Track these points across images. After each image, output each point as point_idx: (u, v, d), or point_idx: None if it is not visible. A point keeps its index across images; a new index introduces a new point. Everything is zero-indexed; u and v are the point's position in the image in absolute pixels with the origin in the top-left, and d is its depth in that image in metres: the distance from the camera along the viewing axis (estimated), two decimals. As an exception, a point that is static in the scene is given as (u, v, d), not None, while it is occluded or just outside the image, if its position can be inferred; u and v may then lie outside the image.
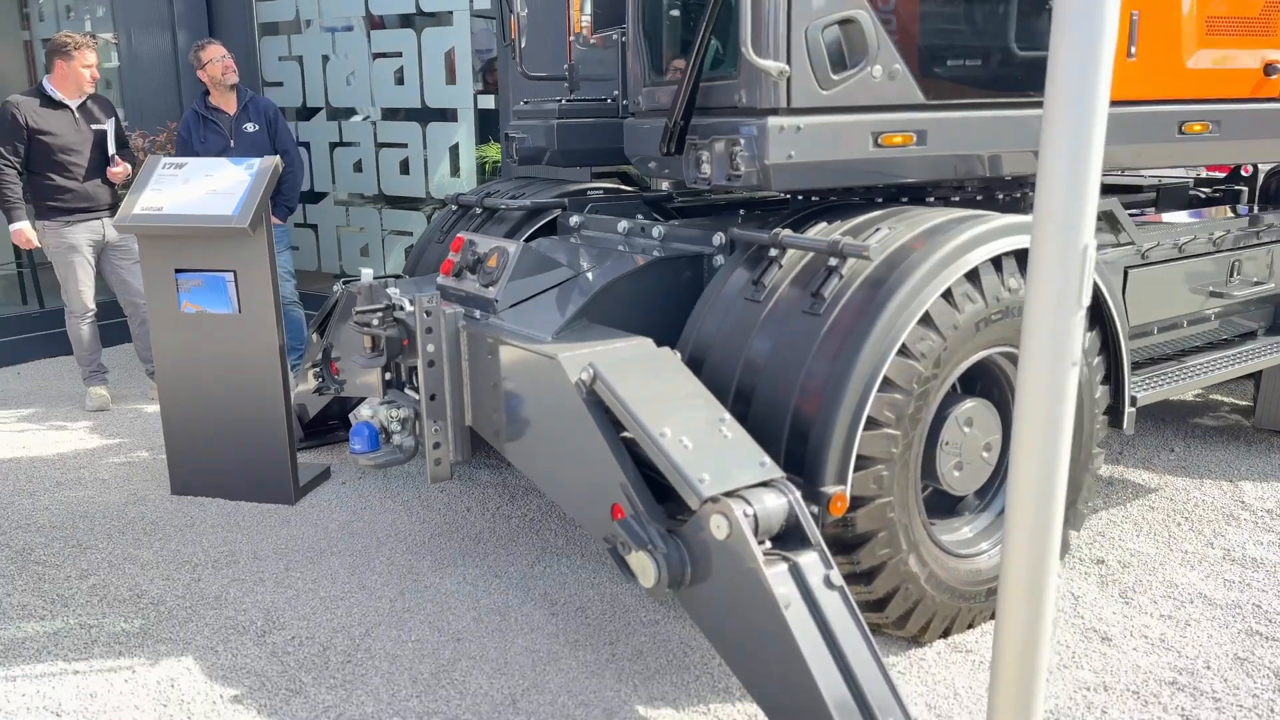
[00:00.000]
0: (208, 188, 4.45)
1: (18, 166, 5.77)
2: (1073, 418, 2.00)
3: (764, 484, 2.75)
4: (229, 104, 6.29)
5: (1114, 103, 3.65)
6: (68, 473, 5.10)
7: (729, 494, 2.68)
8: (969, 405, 3.39)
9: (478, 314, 3.72)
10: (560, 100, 4.92)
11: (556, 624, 3.55)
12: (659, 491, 2.91)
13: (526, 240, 4.64)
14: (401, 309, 3.72)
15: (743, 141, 3.28)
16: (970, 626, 3.47)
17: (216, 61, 6.11)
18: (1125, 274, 3.80)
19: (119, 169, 5.91)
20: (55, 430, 5.83)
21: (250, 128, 6.27)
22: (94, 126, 5.92)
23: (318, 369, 4.68)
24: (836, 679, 2.53)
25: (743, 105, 3.32)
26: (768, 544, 2.70)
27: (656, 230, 4.02)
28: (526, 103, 5.13)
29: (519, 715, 3.02)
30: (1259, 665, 3.25)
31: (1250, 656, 3.30)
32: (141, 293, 6.25)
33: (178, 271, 4.52)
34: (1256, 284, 4.30)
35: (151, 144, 7.21)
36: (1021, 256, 3.29)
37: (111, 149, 5.92)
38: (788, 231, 3.36)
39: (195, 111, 6.31)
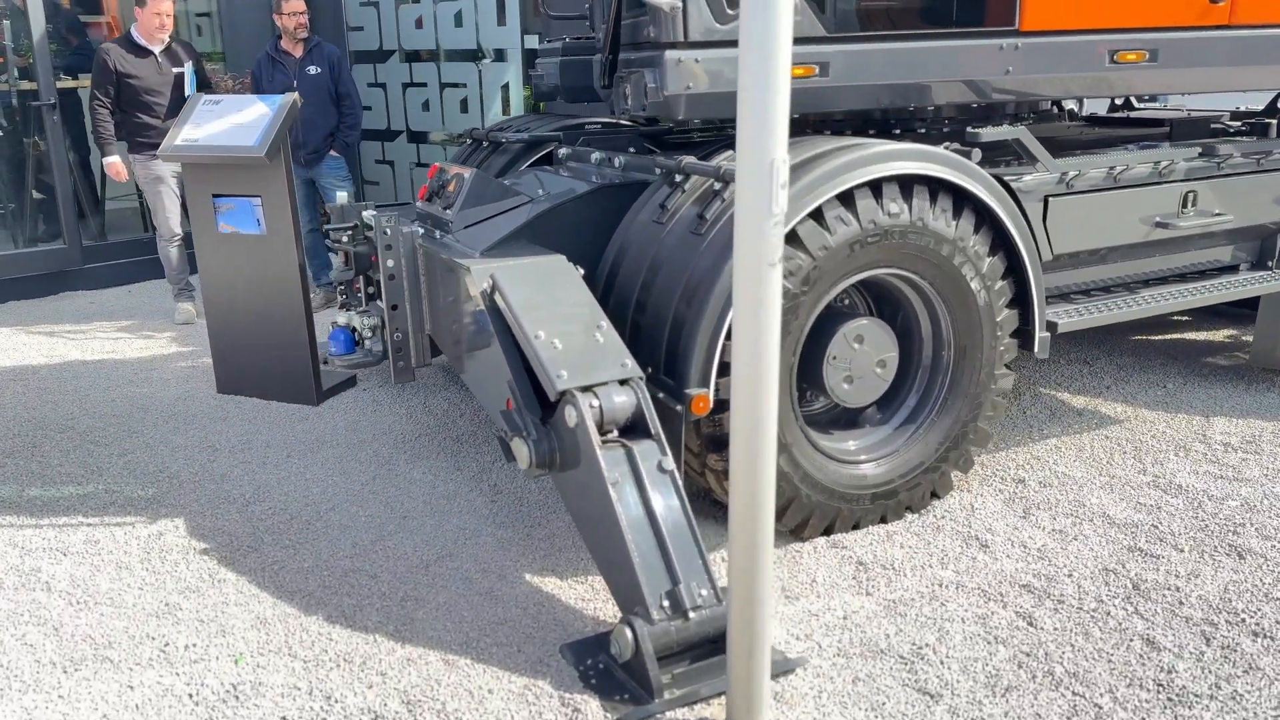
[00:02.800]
0: (235, 121, 5.04)
1: (110, 106, 6.55)
2: (778, 316, 2.28)
3: (621, 382, 3.11)
4: (296, 49, 6.91)
5: (1039, 32, 3.82)
6: (140, 372, 5.89)
7: (585, 388, 3.05)
8: (860, 323, 3.62)
9: (438, 234, 4.16)
10: (565, 39, 5.26)
11: (492, 509, 4.01)
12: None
13: (529, 168, 5.08)
14: (370, 228, 4.20)
15: (647, 74, 3.58)
16: (856, 527, 3.73)
17: (292, 16, 6.71)
18: (1045, 202, 3.90)
19: None
20: (143, 339, 6.66)
21: (313, 70, 6.87)
22: (175, 69, 6.64)
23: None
24: (652, 548, 2.89)
25: (650, 39, 3.61)
26: (614, 433, 3.07)
27: (618, 160, 4.36)
28: (549, 41, 5.49)
29: (428, 576, 3.51)
30: (1121, 577, 3.41)
31: (1118, 569, 3.45)
32: (176, 229, 6.95)
33: (215, 196, 5.14)
34: (1215, 216, 4.28)
35: (241, 85, 7.93)
36: (907, 182, 3.49)
37: (189, 89, 6.62)
38: (690, 159, 3.64)
39: (267, 53, 6.96)
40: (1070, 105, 5.98)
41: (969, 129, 3.73)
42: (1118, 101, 6.07)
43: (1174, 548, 3.58)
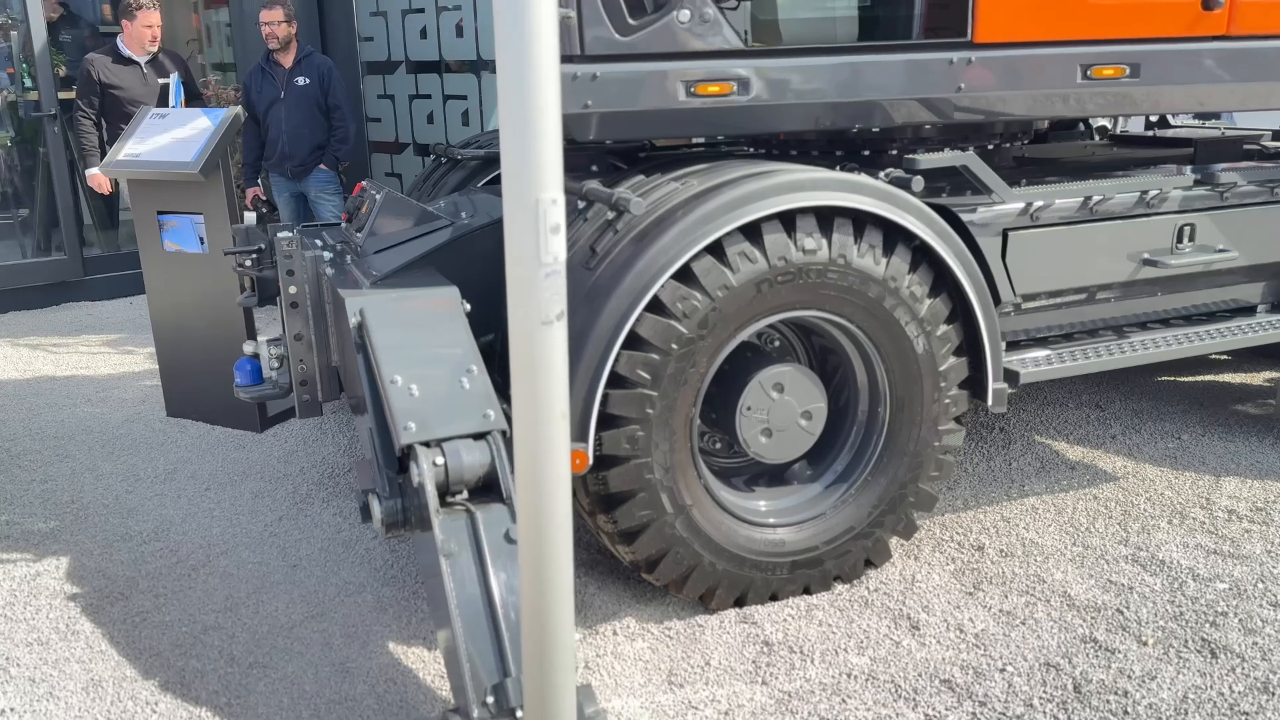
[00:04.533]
0: (177, 136, 4.85)
1: (94, 117, 6.46)
2: (563, 379, 1.91)
3: (477, 436, 2.77)
4: (286, 59, 6.73)
5: (995, 44, 3.36)
6: (101, 391, 5.75)
7: (431, 443, 2.72)
8: (779, 370, 3.23)
9: (348, 258, 3.88)
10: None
11: (388, 560, 3.70)
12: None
13: (482, 187, 4.78)
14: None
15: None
16: (774, 598, 3.32)
17: (264, 25, 6.55)
18: (1004, 236, 3.44)
19: None
20: (123, 354, 6.55)
21: (301, 81, 6.68)
22: (161, 80, 6.52)
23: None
24: (484, 633, 2.53)
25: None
26: (464, 494, 2.73)
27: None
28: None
29: (287, 639, 3.21)
30: (1063, 675, 2.94)
31: (1062, 665, 2.98)
32: None
33: (159, 213, 4.95)
34: (1218, 253, 3.76)
35: (238, 95, 7.82)
36: (826, 214, 3.09)
37: (172, 101, 6.49)
38: (593, 184, 3.29)
39: (259, 64, 6.81)
40: (1103, 121, 5.45)
41: (907, 155, 3.30)
42: (1153, 119, 5.52)
43: (1136, 639, 3.10)
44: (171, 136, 4.87)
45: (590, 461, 2.94)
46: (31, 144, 7.95)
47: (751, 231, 3.00)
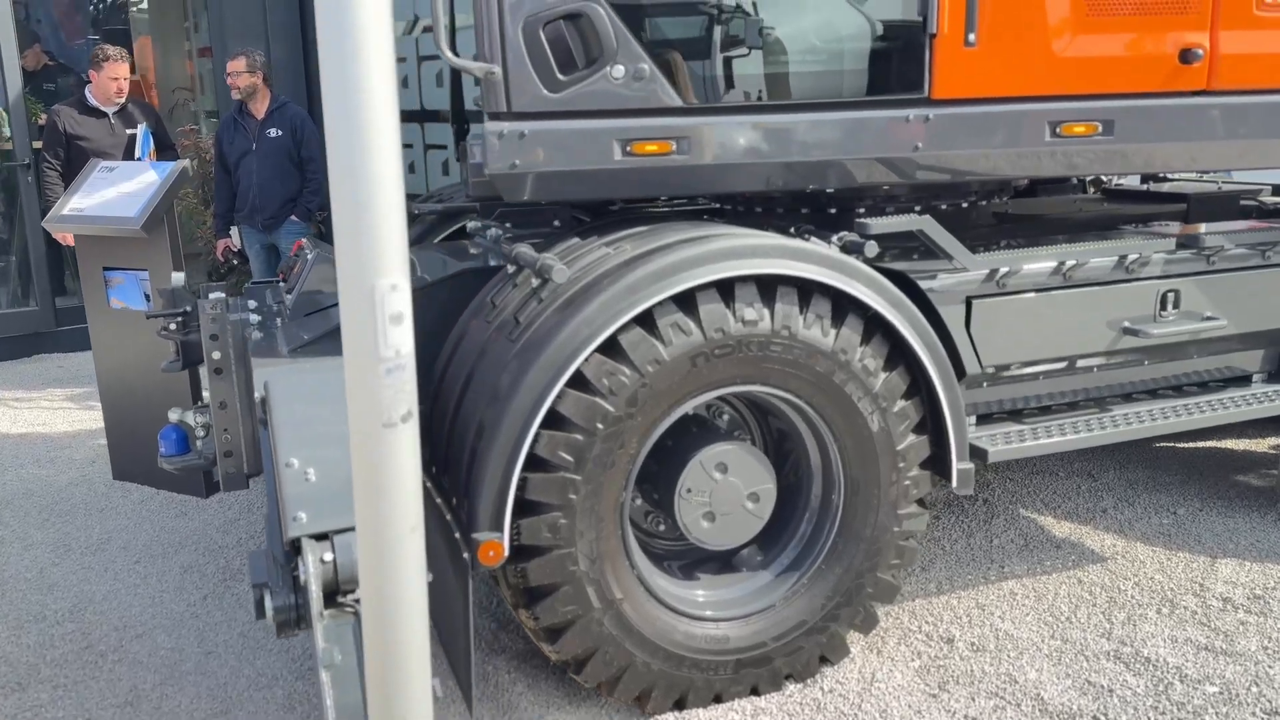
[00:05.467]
0: (123, 190, 4.68)
1: (59, 168, 6.32)
2: (412, 489, 1.67)
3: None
4: (258, 110, 6.58)
5: (952, 101, 3.14)
6: (53, 450, 5.54)
7: (321, 536, 2.48)
8: (722, 449, 2.97)
9: (278, 322, 3.67)
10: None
11: (309, 647, 3.44)
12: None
13: (439, 243, 4.57)
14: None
15: (473, 149, 3.04)
16: (718, 700, 3.04)
17: (230, 75, 6.42)
18: (968, 305, 3.19)
19: None
20: (85, 409, 6.34)
21: (273, 133, 6.53)
22: (128, 131, 6.38)
23: None
24: (368, 750, 2.27)
25: (482, 110, 3.07)
26: (356, 593, 2.48)
27: (491, 233, 3.83)
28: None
29: (187, 739, 2.96)
30: (1028, 795, 2.64)
31: (1029, 782, 2.69)
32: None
33: (106, 269, 4.77)
34: (1205, 321, 3.49)
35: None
36: (769, 282, 2.85)
37: (139, 153, 6.35)
38: (523, 247, 3.07)
39: (231, 115, 6.67)
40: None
41: (858, 218, 3.06)
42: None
43: (1113, 754, 2.80)
44: (118, 190, 4.70)
45: (506, 553, 2.69)
46: (11, 194, 7.85)
47: (686, 301, 2.76)
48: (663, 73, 2.95)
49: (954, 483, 3.12)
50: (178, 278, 4.00)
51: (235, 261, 6.86)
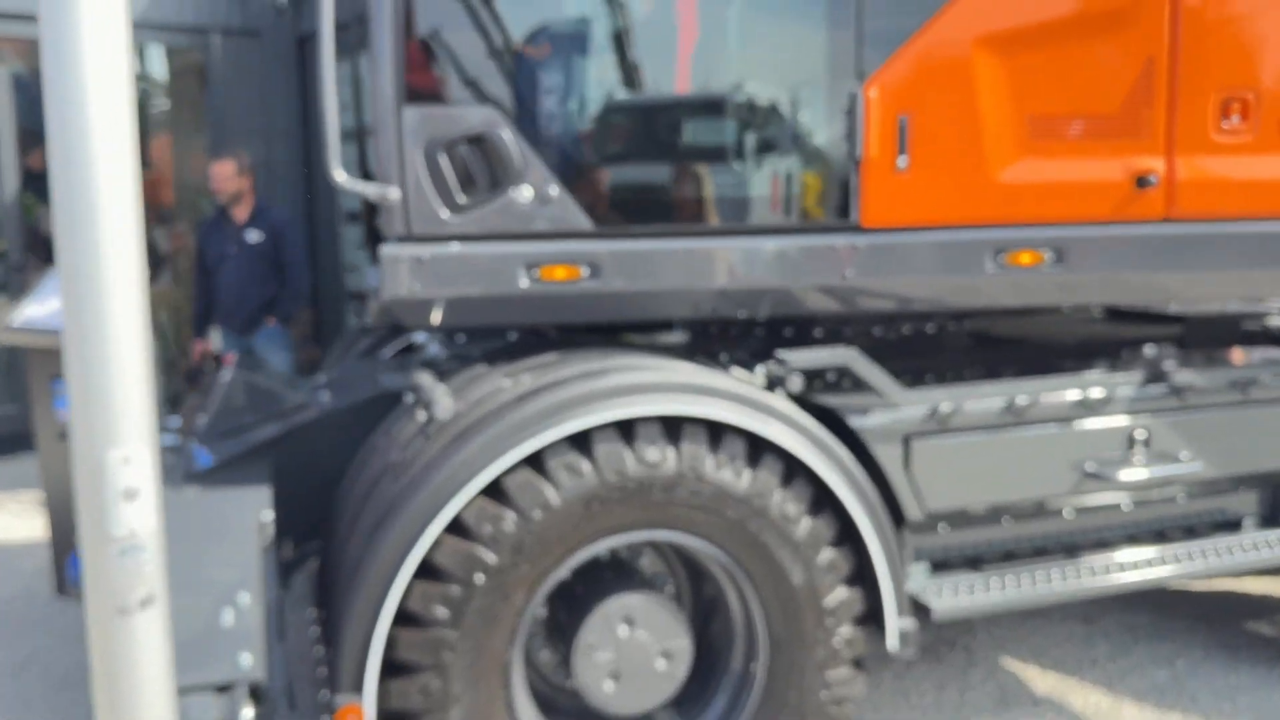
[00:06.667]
0: (72, 300, 4.59)
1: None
2: (156, 680, 1.45)
3: (221, 687, 2.29)
4: (240, 213, 6.57)
5: (884, 229, 2.94)
6: (2, 562, 5.38)
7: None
8: (626, 600, 2.71)
9: (193, 442, 3.50)
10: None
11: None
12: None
13: (392, 357, 4.42)
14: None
15: (369, 273, 2.89)
16: None
17: (213, 180, 6.43)
18: (907, 444, 2.93)
19: None
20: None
21: (253, 236, 6.50)
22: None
23: None
24: None
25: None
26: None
27: (433, 349, 3.67)
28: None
29: None
30: None
31: None
32: None
33: (53, 379, 4.66)
34: (1177, 463, 3.20)
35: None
36: (675, 420, 2.63)
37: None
38: (424, 375, 2.89)
39: (213, 217, 6.68)
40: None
41: (778, 352, 2.85)
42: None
43: None
44: (67, 299, 4.62)
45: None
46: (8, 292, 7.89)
47: (581, 440, 2.55)
48: (572, 194, 2.80)
49: (892, 643, 2.83)
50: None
51: (213, 364, 6.77)
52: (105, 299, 1.35)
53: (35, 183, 7.83)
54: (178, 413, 3.75)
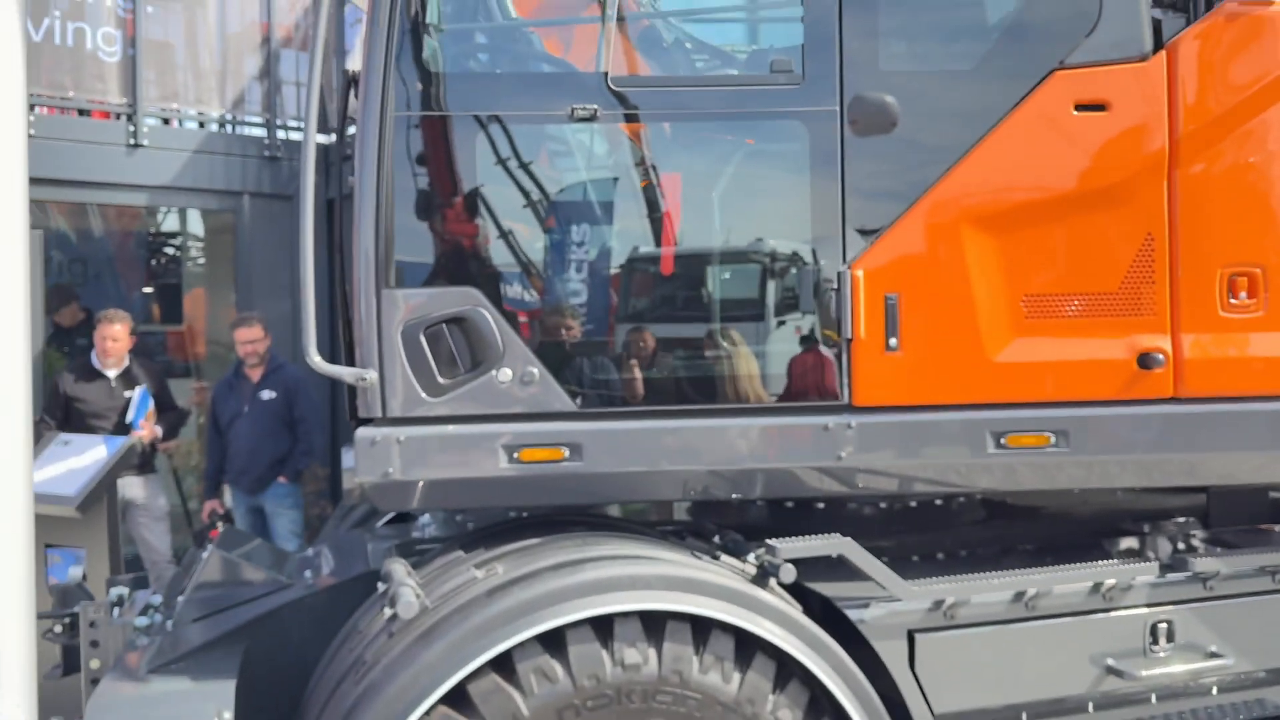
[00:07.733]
0: (71, 466, 4.58)
1: (55, 430, 6.32)
2: None
3: None
4: (255, 373, 6.61)
5: (877, 408, 2.81)
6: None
7: None
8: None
9: (168, 624, 3.37)
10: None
11: None
12: None
13: (385, 524, 4.31)
14: (91, 617, 3.45)
15: (344, 454, 2.81)
16: None
17: (242, 345, 6.50)
18: (911, 640, 2.74)
19: (143, 431, 6.30)
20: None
21: (266, 395, 6.51)
22: (126, 394, 6.41)
23: None
24: None
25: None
26: None
27: (420, 522, 3.56)
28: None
29: None
30: None
31: None
32: (161, 551, 6.57)
33: (48, 547, 4.58)
34: (1207, 659, 2.97)
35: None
36: (657, 617, 2.47)
37: (131, 415, 6.32)
38: (396, 566, 2.76)
39: (228, 377, 6.73)
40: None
41: (767, 541, 2.70)
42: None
43: None
44: (66, 466, 4.60)
45: None
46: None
47: (553, 640, 2.39)
48: (554, 374, 2.72)
49: None
50: (74, 573, 3.77)
51: (219, 524, 6.69)
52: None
53: (61, 338, 7.97)
54: (156, 589, 3.62)
